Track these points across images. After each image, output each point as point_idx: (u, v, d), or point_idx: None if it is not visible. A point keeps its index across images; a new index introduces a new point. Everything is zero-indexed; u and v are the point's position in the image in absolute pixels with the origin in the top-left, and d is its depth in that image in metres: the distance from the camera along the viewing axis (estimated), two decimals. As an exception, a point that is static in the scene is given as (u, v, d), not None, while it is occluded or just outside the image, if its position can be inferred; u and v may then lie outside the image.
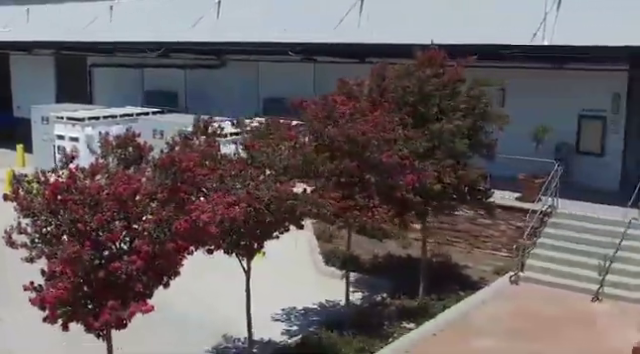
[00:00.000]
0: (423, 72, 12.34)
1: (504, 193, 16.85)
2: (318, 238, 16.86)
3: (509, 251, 15.38)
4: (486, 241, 16.39)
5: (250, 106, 22.34)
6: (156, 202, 7.09)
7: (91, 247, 7.08)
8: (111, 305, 7.17)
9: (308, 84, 21.56)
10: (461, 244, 16.64)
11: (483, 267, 15.40)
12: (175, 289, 10.92)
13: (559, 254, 14.39)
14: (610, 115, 17.50)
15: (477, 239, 16.51)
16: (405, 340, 11.63)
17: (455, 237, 16.84)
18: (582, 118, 17.86)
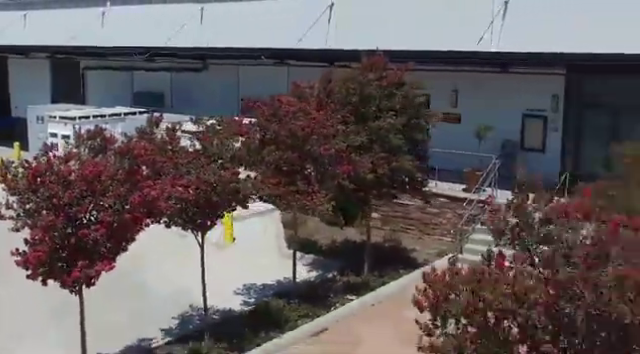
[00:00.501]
0: (364, 76, 14.16)
1: (454, 185, 18.77)
2: (285, 226, 18.66)
3: (454, 237, 17.24)
4: (435, 228, 18.23)
5: (230, 106, 24.11)
6: (116, 181, 8.91)
7: (64, 218, 8.91)
8: (80, 265, 9.00)
9: (282, 86, 23.28)
10: (413, 231, 18.47)
11: (429, 251, 17.22)
12: (151, 270, 12.84)
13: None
14: (550, 114, 19.30)
15: (427, 226, 18.35)
16: (346, 309, 13.45)
17: (408, 225, 18.68)
18: (525, 117, 19.67)
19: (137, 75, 29.33)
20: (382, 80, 14.33)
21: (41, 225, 8.86)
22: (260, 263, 16.05)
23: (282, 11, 23.14)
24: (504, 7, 19.28)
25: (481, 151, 18.53)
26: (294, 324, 12.61)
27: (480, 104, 19.99)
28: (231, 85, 25.73)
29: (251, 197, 11.06)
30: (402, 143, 13.80)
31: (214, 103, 24.38)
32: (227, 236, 18.13)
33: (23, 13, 32.52)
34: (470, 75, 20.25)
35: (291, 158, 12.02)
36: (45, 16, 31.50)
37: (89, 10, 29.58)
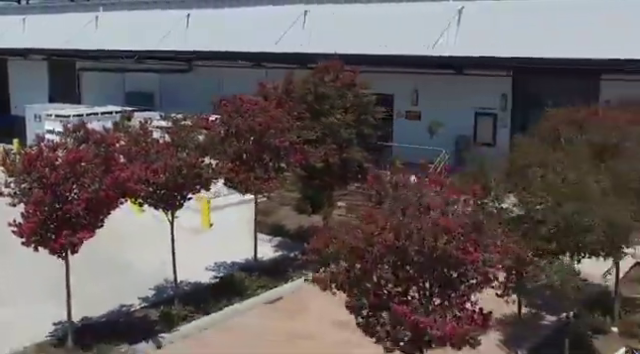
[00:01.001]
0: (320, 78, 16.21)
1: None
2: (259, 213, 20.67)
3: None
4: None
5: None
6: (93, 165, 10.95)
7: (52, 195, 10.94)
8: (65, 234, 11.04)
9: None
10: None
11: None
12: (134, 252, 14.80)
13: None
14: (499, 112, 21.34)
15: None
16: (301, 282, 15.44)
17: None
18: (478, 115, 21.71)
19: (128, 76, 31.42)
20: (336, 81, 16.37)
21: (33, 201, 10.90)
22: (231, 245, 17.99)
23: (261, 18, 25.21)
24: (458, 15, 21.34)
25: (436, 145, 20.56)
26: (253, 293, 14.66)
27: (438, 103, 22.05)
28: (214, 85, 27.69)
29: (212, 181, 13.08)
30: (352, 136, 15.82)
31: (199, 102, 26.12)
32: (204, 222, 20.20)
33: (22, 17, 34.62)
34: (429, 77, 22.33)
35: (250, 149, 14.07)
36: (43, 20, 33.59)
37: (84, 15, 31.68)
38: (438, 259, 6.90)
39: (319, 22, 24.04)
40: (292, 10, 24.66)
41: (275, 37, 24.17)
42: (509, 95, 21.15)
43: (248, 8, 26.03)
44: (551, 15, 19.44)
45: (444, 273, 7.09)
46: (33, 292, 14.37)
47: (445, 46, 21.27)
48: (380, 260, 6.95)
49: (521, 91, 21.05)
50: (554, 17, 19.33)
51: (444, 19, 21.30)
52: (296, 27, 24.47)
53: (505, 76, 21.06)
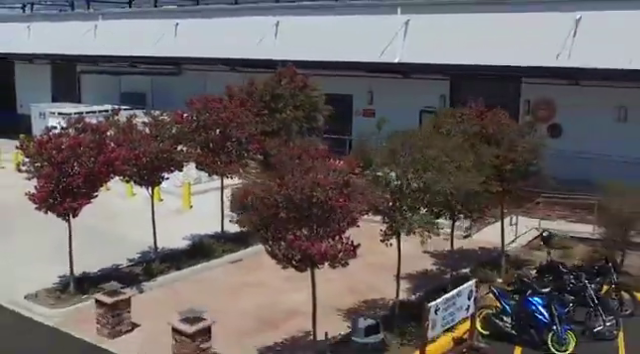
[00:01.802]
0: (277, 81, 19.88)
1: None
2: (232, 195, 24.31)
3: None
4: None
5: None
6: (89, 149, 14.62)
7: (58, 171, 14.61)
8: (68, 200, 14.71)
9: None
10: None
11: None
12: (125, 228, 18.32)
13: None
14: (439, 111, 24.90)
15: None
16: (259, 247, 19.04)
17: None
18: (422, 113, 25.32)
19: (124, 78, 35.12)
20: (291, 83, 20.05)
21: (44, 175, 14.59)
22: (206, 222, 21.51)
23: (238, 27, 28.81)
24: (405, 27, 24.94)
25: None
26: (219, 255, 18.33)
27: (389, 102, 25.66)
28: (200, 86, 31.30)
29: (183, 163, 16.77)
30: (302, 129, 19.47)
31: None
32: (185, 204, 23.91)
33: (27, 25, 38.27)
34: (381, 80, 26.01)
35: (215, 139, 17.75)
36: (46, 28, 37.24)
37: (84, 24, 35.30)
38: (316, 205, 10.51)
39: (289, 32, 27.66)
40: (266, 21, 28.28)
41: (252, 44, 27.80)
42: (447, 96, 24.77)
43: (228, 18, 29.67)
44: (482, 29, 22.99)
45: (322, 215, 10.72)
46: (42, 257, 17.98)
47: (394, 53, 24.90)
48: (278, 206, 10.56)
49: (457, 92, 24.67)
50: (484, 30, 22.89)
51: (393, 30, 24.90)
52: (269, 36, 28.10)
53: (444, 80, 24.70)
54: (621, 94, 21.75)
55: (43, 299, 15.52)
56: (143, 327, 14.34)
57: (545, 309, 13.28)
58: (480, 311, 13.80)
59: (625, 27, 20.30)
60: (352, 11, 26.34)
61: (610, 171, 19.47)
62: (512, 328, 13.60)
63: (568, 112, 23.13)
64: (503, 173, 15.58)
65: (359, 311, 14.72)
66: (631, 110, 21.96)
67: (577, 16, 21.23)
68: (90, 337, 13.95)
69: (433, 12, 24.52)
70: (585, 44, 21.05)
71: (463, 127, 14.89)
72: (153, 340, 13.58)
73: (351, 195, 11.06)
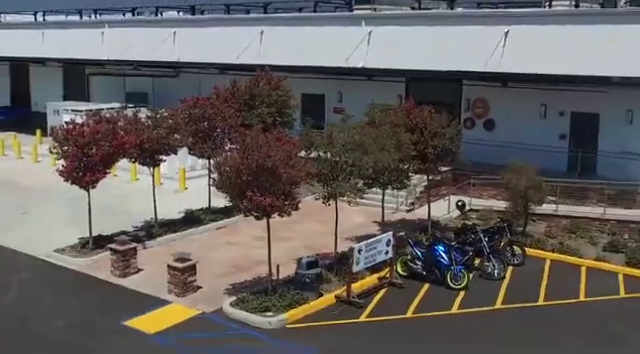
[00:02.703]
0: (255, 83, 24.57)
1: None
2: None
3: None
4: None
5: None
6: (104, 135, 19.34)
7: (81, 152, 19.33)
8: (88, 175, 19.44)
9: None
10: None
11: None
12: (132, 204, 23.12)
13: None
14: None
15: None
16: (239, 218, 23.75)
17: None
18: (383, 110, 29.92)
19: (128, 80, 39.86)
20: (267, 85, 24.75)
21: (70, 155, 19.31)
22: (197, 199, 26.10)
23: (228, 36, 33.50)
24: (368, 37, 29.60)
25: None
26: (206, 223, 23.05)
27: (355, 100, 30.21)
28: (195, 87, 35.94)
29: (177, 148, 21.50)
30: (275, 122, 24.12)
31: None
32: (181, 186, 28.62)
33: (41, 31, 43.00)
34: (349, 81, 30.71)
35: (204, 129, 22.46)
36: (58, 34, 41.98)
37: (92, 31, 40.01)
38: (267, 171, 15.19)
39: (272, 40, 32.36)
40: (252, 30, 32.97)
41: (238, 51, 32.51)
42: (403, 95, 29.39)
43: (219, 28, 34.37)
44: (430, 39, 27.59)
45: (272, 179, 15.38)
46: (64, 225, 22.66)
47: (359, 59, 29.57)
48: (241, 172, 15.27)
49: (412, 92, 29.29)
50: (432, 41, 27.51)
51: (358, 39, 29.56)
52: (255, 43, 32.79)
53: (400, 82, 29.36)
54: (542, 95, 26.39)
55: (68, 252, 20.24)
56: (146, 271, 19.05)
57: (446, 255, 17.98)
58: (399, 257, 18.49)
59: (545, 38, 24.91)
60: (324, 23, 31.05)
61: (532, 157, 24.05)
62: (422, 269, 18.29)
63: (500, 109, 27.83)
64: (426, 155, 20.26)
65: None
66: (550, 108, 26.58)
67: (506, 30, 25.87)
68: (105, 277, 18.67)
69: (392, 25, 29.23)
70: (512, 53, 25.70)
71: (390, 119, 19.52)
72: (153, 278, 18.28)
73: (294, 165, 15.76)
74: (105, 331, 15.48)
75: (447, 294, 17.58)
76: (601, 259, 19.98)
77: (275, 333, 15.43)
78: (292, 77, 27.82)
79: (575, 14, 25.59)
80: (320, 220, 22.15)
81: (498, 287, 18.20)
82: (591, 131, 25.61)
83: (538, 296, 17.66)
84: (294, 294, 16.52)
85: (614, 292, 18.03)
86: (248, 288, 17.40)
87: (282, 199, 15.74)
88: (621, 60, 23.01)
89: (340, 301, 16.84)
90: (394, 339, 15.28)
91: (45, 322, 15.96)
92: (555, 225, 22.65)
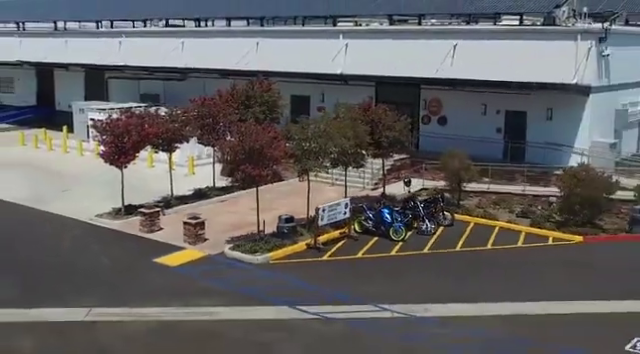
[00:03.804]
0: (251, 86, 31.15)
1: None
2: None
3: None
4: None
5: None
6: (134, 126, 25.88)
7: (116, 139, 25.93)
8: (122, 157, 26.05)
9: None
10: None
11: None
12: (151, 184, 30.19)
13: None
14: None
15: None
16: (240, 193, 30.33)
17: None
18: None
19: (142, 82, 46.51)
20: (260, 88, 31.31)
21: (108, 142, 25.91)
22: (204, 181, 32.80)
23: (228, 45, 40.13)
24: (345, 48, 36.17)
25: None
26: (211, 197, 29.65)
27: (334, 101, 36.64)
28: (200, 89, 42.51)
29: (189, 137, 28.09)
30: (266, 118, 30.61)
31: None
32: (190, 171, 35.21)
33: (65, 40, 49.68)
34: (330, 85, 37.25)
35: (209, 123, 29.02)
36: (80, 42, 48.66)
37: (111, 39, 46.73)
38: (255, 151, 21.73)
39: (266, 49, 38.96)
40: (249, 41, 39.60)
41: (237, 58, 39.11)
42: (373, 96, 35.89)
43: (221, 39, 41.03)
44: (395, 51, 34.18)
45: (259, 157, 21.92)
46: (98, 199, 29.18)
47: (337, 67, 36.15)
48: (237, 152, 21.81)
49: (380, 94, 35.81)
50: (396, 52, 34.08)
51: (336, 49, 36.16)
52: (251, 52, 39.39)
53: (371, 86, 35.91)
54: (483, 96, 32.89)
55: (106, 217, 26.83)
56: (166, 229, 25.59)
57: (389, 216, 24.52)
58: (357, 218, 25.04)
59: (485, 51, 31.42)
60: (309, 36, 37.73)
61: (475, 146, 30.61)
62: (372, 226, 24.83)
63: (450, 108, 34.37)
64: (380, 143, 26.79)
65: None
66: (489, 107, 33.07)
67: (454, 43, 32.42)
68: (136, 233, 25.24)
69: (364, 38, 35.90)
70: (459, 62, 32.25)
71: (350, 115, 26.07)
72: (172, 234, 24.83)
73: (275, 147, 22.34)
74: (141, 265, 22.09)
75: (389, 244, 24.14)
76: (512, 222, 26.52)
77: (261, 266, 22.03)
78: (283, 81, 34.42)
79: (507, 31, 32.18)
80: (301, 197, 28.45)
81: (428, 240, 24.74)
82: (520, 126, 32.12)
83: (457, 245, 24.23)
84: (276, 241, 23.12)
85: (514, 243, 24.58)
86: (242, 239, 23.93)
87: (266, 172, 22.33)
88: (539, 69, 29.53)
89: (309, 247, 23.39)
90: (346, 271, 21.84)
91: (95, 260, 22.58)
92: (486, 199, 29.15)
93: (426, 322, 17.95)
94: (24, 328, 17.42)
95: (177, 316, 18.28)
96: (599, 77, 30.32)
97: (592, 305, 19.16)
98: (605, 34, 29.79)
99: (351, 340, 17.04)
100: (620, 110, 32.62)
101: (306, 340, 17.02)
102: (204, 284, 20.48)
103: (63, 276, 21.13)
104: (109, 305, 18.83)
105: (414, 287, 20.41)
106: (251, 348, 16.60)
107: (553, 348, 16.40)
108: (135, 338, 17.06)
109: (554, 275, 21.60)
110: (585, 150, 30.17)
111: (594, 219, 25.53)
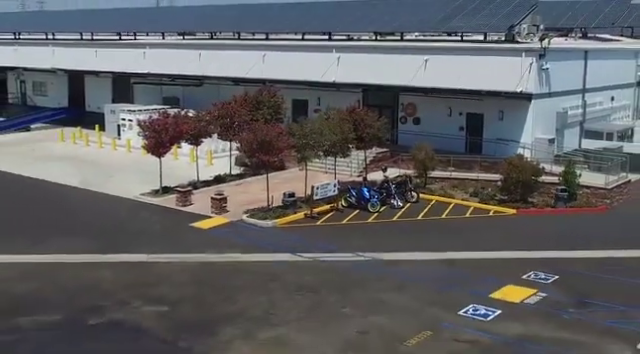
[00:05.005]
0: (260, 93, 39.05)
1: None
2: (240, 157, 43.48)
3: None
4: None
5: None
6: (170, 124, 33.72)
7: (157, 135, 33.80)
8: (161, 149, 33.95)
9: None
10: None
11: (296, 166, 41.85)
12: (178, 171, 38.36)
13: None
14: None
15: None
16: (251, 178, 38.14)
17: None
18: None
19: (164, 87, 54.43)
20: (267, 94, 39.20)
21: (150, 137, 33.80)
22: (222, 170, 40.58)
23: (239, 57, 48.01)
24: (337, 61, 44.01)
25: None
26: (228, 182, 37.52)
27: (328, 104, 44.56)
28: (215, 95, 50.41)
29: (211, 134, 35.97)
30: (272, 119, 38.43)
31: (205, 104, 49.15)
32: (208, 162, 43.07)
33: (95, 50, 57.57)
34: (325, 91, 45.09)
35: (227, 123, 36.90)
36: (109, 52, 56.53)
37: (136, 50, 54.61)
38: (266, 143, 29.54)
39: (272, 61, 46.83)
40: (257, 53, 47.49)
41: (247, 68, 47.00)
42: (361, 101, 43.65)
43: (233, 51, 48.94)
44: (378, 63, 42.01)
45: (269, 147, 29.74)
46: (139, 183, 37.07)
47: (331, 76, 43.99)
48: (252, 143, 29.63)
49: (367, 99, 43.61)
50: (379, 64, 41.89)
51: (330, 61, 44.01)
52: (259, 63, 47.26)
53: (358, 92, 43.73)
54: (448, 101, 40.72)
55: (148, 195, 34.71)
56: (195, 204, 33.43)
57: (368, 193, 32.39)
58: (343, 196, 32.90)
59: (449, 64, 39.24)
60: (307, 49, 45.63)
61: (443, 142, 38.43)
62: (355, 201, 32.69)
63: (423, 110, 42.24)
64: (362, 138, 34.64)
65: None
66: (453, 110, 40.90)
67: (426, 58, 40.26)
68: (172, 206, 33.11)
69: (353, 52, 43.78)
70: (429, 73, 40.07)
71: (339, 116, 33.92)
72: (201, 207, 32.69)
73: (280, 140, 30.22)
74: (181, 228, 29.96)
75: (367, 214, 31.99)
76: (465, 199, 34.36)
77: (270, 228, 29.94)
78: (285, 87, 42.29)
79: (468, 48, 40.03)
80: (301, 181, 36.32)
81: (397, 212, 32.60)
82: (478, 125, 39.95)
83: (419, 215, 32.08)
84: (281, 211, 30.99)
85: (463, 214, 32.43)
86: (255, 210, 31.73)
87: (274, 158, 30.22)
88: (493, 80, 37.35)
89: (306, 216, 31.24)
90: (334, 232, 29.69)
91: (147, 224, 30.46)
92: (448, 183, 36.97)
93: (389, 263, 25.81)
94: (104, 266, 25.27)
95: (212, 259, 26.16)
96: (540, 86, 38.11)
97: (510, 253, 26.97)
98: (544, 51, 37.54)
99: (336, 272, 24.84)
100: (560, 113, 40.40)
101: (303, 272, 24.86)
102: (229, 239, 28.33)
103: (125, 235, 28.98)
104: (162, 252, 26.67)
105: (383, 243, 28.24)
106: (264, 276, 24.38)
107: (477, 276, 24.17)
108: (184, 270, 24.92)
109: (488, 235, 29.43)
110: (528, 144, 37.98)
111: (526, 197, 33.33)
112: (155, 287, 23.17)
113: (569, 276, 24.27)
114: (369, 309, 21.31)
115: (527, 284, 23.56)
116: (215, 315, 20.87)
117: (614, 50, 47.91)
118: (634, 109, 49.68)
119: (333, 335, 19.50)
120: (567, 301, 22.09)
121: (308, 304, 21.80)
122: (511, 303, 21.92)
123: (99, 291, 22.74)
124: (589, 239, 28.56)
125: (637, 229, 30.29)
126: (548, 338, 19.45)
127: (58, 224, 30.22)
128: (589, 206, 33.28)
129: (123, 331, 19.82)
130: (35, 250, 26.57)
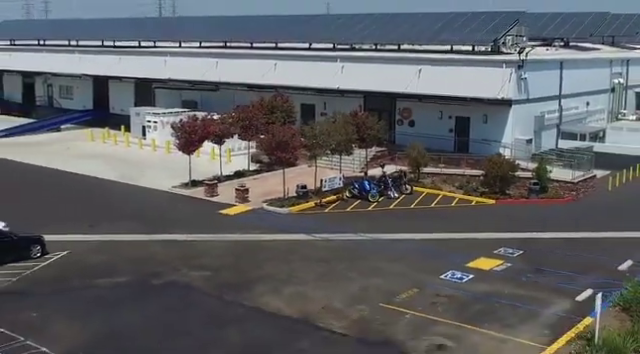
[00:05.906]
0: (274, 98, 44.98)
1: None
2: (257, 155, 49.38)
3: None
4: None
5: (229, 109, 54.85)
6: (199, 126, 39.61)
7: (187, 135, 39.73)
8: (191, 147, 39.89)
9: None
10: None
11: (306, 163, 47.77)
12: (199, 168, 44.22)
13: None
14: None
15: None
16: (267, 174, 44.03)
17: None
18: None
19: (183, 92, 60.36)
20: (279, 100, 45.12)
21: (181, 137, 39.72)
22: (240, 166, 46.42)
23: (253, 65, 53.91)
24: (341, 69, 49.89)
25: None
26: (247, 176, 43.44)
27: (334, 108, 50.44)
28: (230, 99, 56.24)
29: (233, 134, 41.91)
30: (285, 121, 44.30)
31: (223, 107, 55.06)
32: (228, 159, 48.95)
33: (119, 57, 63.47)
34: (331, 97, 50.96)
35: (246, 125, 42.81)
36: (132, 60, 62.41)
37: (157, 58, 60.50)
38: (283, 142, 35.41)
39: (282, 69, 52.74)
40: (269, 62, 53.39)
41: (260, 75, 52.91)
42: (362, 105, 49.46)
43: (247, 60, 54.86)
44: (378, 72, 47.88)
45: (285, 146, 35.60)
46: (168, 178, 42.97)
47: (336, 83, 49.87)
48: (271, 143, 35.52)
49: (368, 103, 49.45)
50: (379, 73, 47.78)
51: (335, 70, 49.90)
52: (270, 71, 53.16)
53: (360, 97, 49.60)
54: (439, 106, 46.62)
55: (179, 188, 40.64)
56: (220, 195, 39.32)
57: (369, 185, 38.33)
58: (347, 188, 38.82)
59: (440, 74, 45.13)
60: (314, 59, 51.59)
61: (435, 142, 44.34)
62: (358, 193, 38.62)
63: (418, 114, 48.17)
64: (364, 139, 40.55)
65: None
66: (444, 114, 46.80)
67: (419, 68, 46.18)
68: (202, 197, 39.03)
69: (355, 62, 49.73)
70: (422, 82, 45.97)
71: (343, 119, 39.82)
72: (226, 197, 38.59)
73: (294, 140, 36.15)
74: (211, 214, 35.92)
75: (368, 204, 37.94)
76: (452, 192, 40.30)
77: (286, 215, 35.86)
78: (294, 93, 48.24)
79: (456, 60, 45.97)
80: (311, 176, 42.33)
81: (393, 201, 38.54)
82: (465, 127, 45.89)
83: (412, 204, 38.01)
84: (295, 200, 36.92)
85: (450, 204, 38.35)
86: (273, 200, 37.62)
87: (289, 155, 36.17)
88: (478, 88, 43.27)
89: (316, 205, 37.16)
90: (340, 218, 35.62)
91: (181, 212, 36.40)
92: (438, 178, 42.89)
93: (386, 242, 31.73)
94: (155, 243, 31.17)
95: (240, 238, 32.06)
96: (519, 93, 44.02)
97: (486, 234, 32.87)
98: (522, 63, 43.45)
99: (343, 248, 30.73)
100: (538, 116, 46.31)
101: (316, 248, 30.78)
102: (253, 223, 34.25)
103: (166, 220, 34.88)
104: (200, 233, 32.56)
105: (381, 226, 34.14)
106: (285, 251, 30.25)
107: (457, 251, 30.02)
108: (218, 247, 30.82)
109: (469, 221, 35.32)
110: (508, 144, 43.90)
111: (505, 189, 39.25)
112: (198, 259, 29.07)
113: (532, 252, 30.16)
114: (369, 274, 27.22)
115: (497, 257, 29.45)
116: (248, 278, 26.79)
117: (589, 60, 53.84)
118: (609, 113, 55.57)
119: (341, 291, 25.42)
120: (527, 269, 28.00)
121: (321, 270, 27.72)
122: (482, 270, 27.84)
123: (155, 261, 28.64)
124: (554, 223, 34.47)
125: (594, 216, 36.25)
126: (509, 294, 25.36)
127: (108, 211, 36.09)
128: (558, 197, 39.23)
129: (179, 289, 25.74)
130: (96, 231, 32.47)
